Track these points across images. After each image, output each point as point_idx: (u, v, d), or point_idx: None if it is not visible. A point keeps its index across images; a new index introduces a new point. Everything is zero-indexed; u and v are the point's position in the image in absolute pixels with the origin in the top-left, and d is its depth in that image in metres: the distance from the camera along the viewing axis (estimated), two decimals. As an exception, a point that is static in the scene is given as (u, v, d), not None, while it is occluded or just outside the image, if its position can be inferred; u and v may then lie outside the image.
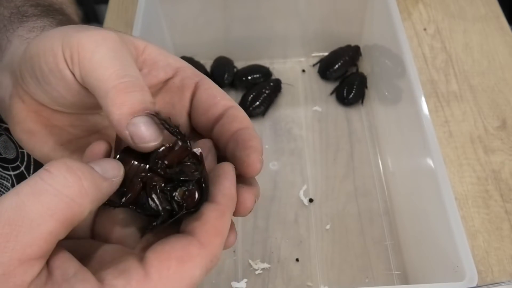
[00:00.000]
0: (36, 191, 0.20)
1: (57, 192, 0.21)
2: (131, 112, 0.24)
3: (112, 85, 0.24)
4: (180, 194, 0.24)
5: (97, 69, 0.25)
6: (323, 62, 0.84)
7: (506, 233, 0.64)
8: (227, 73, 0.82)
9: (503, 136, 0.73)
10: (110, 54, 0.25)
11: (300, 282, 0.63)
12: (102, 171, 0.23)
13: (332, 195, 0.71)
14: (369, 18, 0.79)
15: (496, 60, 0.82)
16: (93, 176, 0.22)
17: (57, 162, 0.21)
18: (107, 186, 0.23)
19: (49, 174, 0.21)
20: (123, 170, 0.24)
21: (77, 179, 0.21)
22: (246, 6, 0.79)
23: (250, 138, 0.27)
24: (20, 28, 0.34)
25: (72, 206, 0.21)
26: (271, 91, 0.79)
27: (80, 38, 0.25)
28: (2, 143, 0.44)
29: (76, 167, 0.22)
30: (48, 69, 0.27)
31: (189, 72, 0.30)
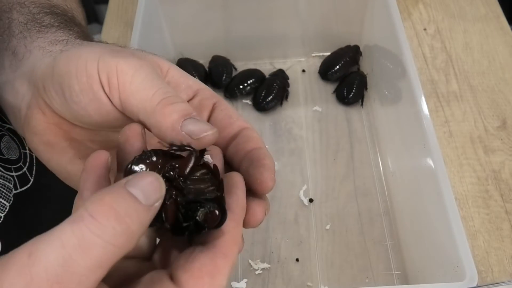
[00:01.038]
0: (84, 244, 0.19)
1: (107, 244, 0.20)
2: (181, 116, 0.26)
3: (157, 102, 0.26)
4: (202, 215, 0.25)
5: (140, 92, 0.27)
6: (323, 63, 0.84)
7: (506, 233, 0.64)
8: (225, 74, 0.82)
9: (503, 136, 0.73)
10: (149, 78, 0.27)
11: (300, 282, 0.63)
12: (146, 199, 0.21)
13: (332, 195, 0.71)
14: (369, 18, 0.79)
15: (496, 60, 0.82)
16: (140, 215, 0.21)
17: (101, 206, 0.20)
18: (152, 216, 0.22)
19: (97, 224, 0.20)
20: (165, 188, 0.23)
21: (126, 228, 0.20)
22: (246, 6, 0.79)
23: (264, 157, 0.28)
24: (40, 39, 0.34)
25: (120, 252, 0.20)
26: (280, 83, 0.80)
27: (118, 64, 0.27)
28: (5, 144, 0.44)
29: (123, 210, 0.20)
30: (79, 89, 0.28)
31: (208, 93, 0.31)
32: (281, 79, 0.80)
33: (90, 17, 1.43)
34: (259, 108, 0.79)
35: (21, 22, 0.36)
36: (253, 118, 0.79)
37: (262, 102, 0.78)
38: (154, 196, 0.22)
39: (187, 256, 0.24)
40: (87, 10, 0.47)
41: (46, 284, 0.19)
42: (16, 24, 0.37)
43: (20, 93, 0.32)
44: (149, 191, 0.22)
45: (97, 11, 1.48)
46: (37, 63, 0.32)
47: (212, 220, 0.25)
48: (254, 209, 0.28)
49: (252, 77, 0.81)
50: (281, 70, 0.82)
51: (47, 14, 0.38)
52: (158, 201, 0.22)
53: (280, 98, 0.79)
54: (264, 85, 0.79)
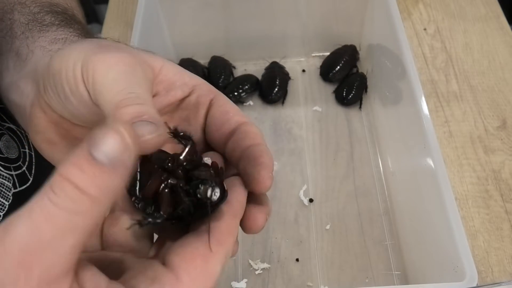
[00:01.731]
0: (48, 214, 0.20)
1: (69, 211, 0.20)
2: (129, 119, 0.24)
3: (115, 103, 0.25)
4: (203, 190, 0.25)
5: (105, 91, 0.26)
6: (324, 64, 0.84)
7: (506, 233, 0.64)
8: (223, 76, 0.82)
9: (503, 136, 0.73)
10: (119, 76, 0.26)
11: (300, 282, 0.63)
12: (109, 159, 0.20)
13: (332, 195, 0.71)
14: (369, 18, 0.79)
15: (496, 60, 0.82)
16: (101, 180, 0.20)
17: (59, 180, 0.20)
18: (120, 175, 0.21)
19: (56, 196, 0.20)
20: (132, 142, 0.21)
21: (84, 195, 0.20)
22: (246, 6, 0.79)
23: (261, 155, 0.27)
24: (41, 38, 0.34)
25: (86, 218, 0.20)
26: (282, 75, 0.81)
27: (96, 62, 0.27)
28: (5, 143, 0.44)
29: (80, 179, 0.20)
30: (69, 89, 0.28)
31: (205, 89, 0.31)
32: (278, 69, 0.82)
33: (90, 17, 1.43)
34: (269, 101, 0.81)
35: (23, 22, 0.37)
36: (253, 118, 0.79)
37: (270, 95, 0.79)
38: (118, 153, 0.20)
39: (180, 242, 0.24)
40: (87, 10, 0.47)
41: (18, 254, 0.19)
42: (18, 25, 0.37)
43: (25, 92, 0.32)
44: (111, 148, 0.20)
45: (97, 11, 1.48)
46: (39, 63, 0.32)
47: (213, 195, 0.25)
48: (255, 215, 0.27)
49: (247, 83, 0.80)
50: (275, 62, 0.83)
51: (48, 13, 0.38)
52: (124, 154, 0.20)
53: (285, 87, 0.81)
54: (266, 79, 0.81)
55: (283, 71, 0.82)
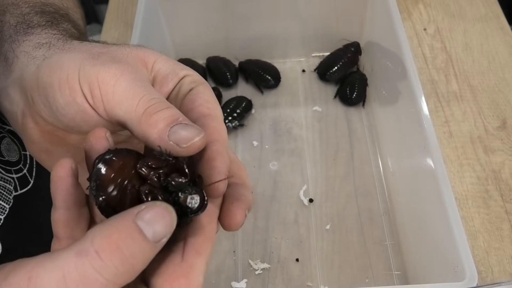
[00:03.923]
0: (85, 279, 0.19)
1: (108, 282, 0.20)
2: (167, 124, 0.25)
3: (142, 112, 0.25)
4: (184, 199, 0.24)
5: (124, 102, 0.26)
6: (321, 64, 0.84)
7: (506, 233, 0.64)
8: (228, 73, 0.82)
9: (503, 136, 0.73)
10: (132, 85, 0.26)
11: (300, 282, 0.63)
12: (154, 237, 0.21)
13: (332, 195, 0.71)
14: (369, 18, 0.79)
15: (496, 60, 0.82)
16: (145, 254, 0.21)
17: (107, 244, 0.20)
18: (156, 251, 0.21)
19: (101, 263, 0.19)
20: (175, 221, 0.22)
21: (129, 268, 0.20)
22: (246, 6, 0.79)
23: (214, 157, 0.26)
24: (26, 42, 0.34)
25: (119, 286, 0.20)
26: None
27: (99, 73, 0.26)
28: (5, 146, 0.44)
29: (129, 251, 0.20)
30: (64, 102, 0.27)
31: (190, 79, 0.30)
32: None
33: (90, 17, 1.43)
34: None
35: (12, 24, 0.36)
36: (253, 118, 0.80)
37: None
38: (163, 232, 0.21)
39: (159, 259, 0.24)
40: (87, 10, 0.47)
41: None
42: (7, 27, 0.36)
43: (15, 100, 0.32)
44: (158, 226, 0.21)
45: (97, 11, 1.48)
46: (24, 71, 0.31)
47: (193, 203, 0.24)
48: (234, 211, 0.26)
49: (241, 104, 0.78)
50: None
51: (37, 14, 0.37)
52: (166, 237, 0.21)
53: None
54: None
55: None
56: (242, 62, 0.84)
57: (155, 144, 0.25)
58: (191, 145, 0.25)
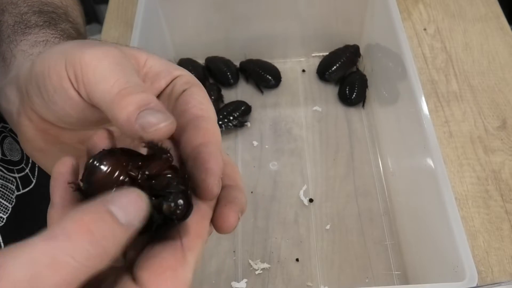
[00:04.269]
0: (56, 263, 0.19)
1: (79, 265, 0.19)
2: (137, 108, 0.24)
3: (115, 93, 0.25)
4: (167, 207, 0.23)
5: (101, 82, 0.25)
6: (321, 63, 0.84)
7: (506, 233, 0.64)
8: (229, 73, 0.82)
9: (503, 136, 0.73)
10: (112, 67, 0.26)
11: (300, 282, 0.63)
12: (126, 220, 0.21)
13: (332, 195, 0.71)
14: (369, 18, 0.79)
15: (496, 60, 0.82)
16: (117, 237, 0.20)
17: (78, 225, 0.19)
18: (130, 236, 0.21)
19: (71, 246, 0.19)
20: (148, 205, 0.22)
21: (101, 251, 0.20)
22: (246, 6, 0.79)
23: (208, 159, 0.25)
24: (23, 42, 0.34)
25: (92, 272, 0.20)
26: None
27: (82, 56, 0.26)
28: (8, 145, 0.44)
29: (99, 232, 0.20)
30: (53, 89, 0.27)
31: (184, 80, 0.29)
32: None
33: (90, 17, 1.43)
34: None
35: (10, 24, 0.36)
36: (253, 118, 0.80)
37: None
38: (136, 216, 0.21)
39: (147, 254, 0.23)
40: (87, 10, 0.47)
41: None
42: (5, 27, 0.36)
43: (11, 100, 0.32)
44: (131, 210, 0.21)
45: (97, 11, 1.48)
46: (20, 68, 0.31)
47: (176, 211, 0.23)
48: (227, 214, 0.26)
49: (239, 109, 0.78)
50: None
51: (35, 13, 0.37)
52: (140, 221, 0.21)
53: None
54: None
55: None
56: (243, 61, 0.84)
57: (122, 127, 0.25)
58: (156, 131, 0.24)
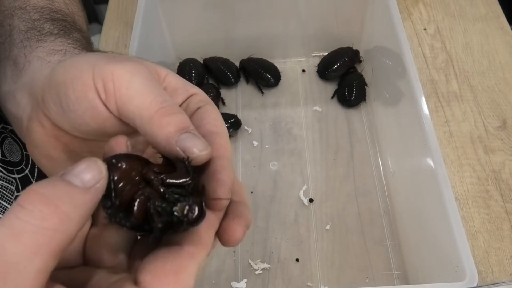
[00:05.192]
0: (14, 231, 0.19)
1: (37, 228, 0.19)
2: (177, 130, 0.25)
3: (155, 110, 0.26)
4: (181, 209, 0.24)
5: (137, 98, 0.26)
6: (322, 62, 0.84)
7: (507, 233, 0.64)
8: (229, 73, 0.82)
9: (503, 136, 0.73)
10: (145, 83, 0.27)
11: (300, 282, 0.63)
12: (82, 183, 0.21)
13: (332, 195, 0.71)
14: (369, 18, 0.79)
15: (496, 60, 0.82)
16: (73, 197, 0.21)
17: (29, 194, 0.20)
18: (92, 197, 0.22)
19: (24, 211, 0.19)
20: (105, 169, 0.23)
21: (54, 208, 0.20)
22: (246, 6, 0.78)
23: (220, 170, 0.26)
24: (39, 49, 0.34)
25: (56, 236, 0.20)
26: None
27: (114, 69, 0.27)
28: (7, 146, 0.44)
29: (51, 193, 0.20)
30: (75, 97, 0.27)
31: (198, 98, 0.30)
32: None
33: (90, 17, 1.43)
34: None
35: (22, 30, 0.36)
36: (253, 118, 0.80)
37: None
38: (92, 178, 0.22)
39: (151, 258, 0.24)
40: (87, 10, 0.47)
41: None
42: (17, 32, 0.36)
43: (21, 104, 0.32)
44: (85, 174, 0.22)
45: (97, 11, 1.49)
46: (36, 75, 0.32)
47: (189, 214, 0.24)
48: (234, 228, 0.27)
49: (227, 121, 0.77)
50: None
51: (47, 21, 0.37)
52: (98, 182, 0.22)
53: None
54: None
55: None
56: (244, 60, 0.84)
57: (160, 145, 0.26)
58: (198, 157, 0.25)
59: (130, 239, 0.27)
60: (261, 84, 0.83)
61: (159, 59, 0.78)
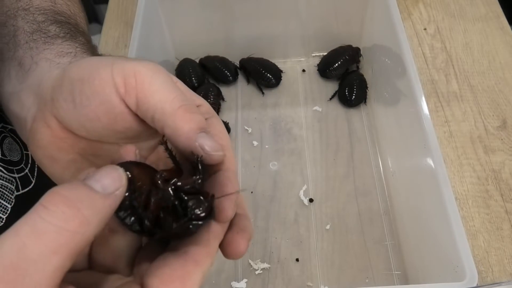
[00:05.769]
0: (36, 230, 0.20)
1: (58, 228, 0.20)
2: (198, 127, 0.27)
3: (178, 106, 0.27)
4: (193, 202, 0.25)
5: (160, 92, 0.27)
6: (322, 60, 0.84)
7: (506, 233, 0.64)
8: (227, 72, 0.82)
9: (503, 136, 0.73)
10: (167, 81, 0.28)
11: (300, 282, 0.63)
12: (103, 188, 0.22)
13: (332, 195, 0.71)
14: (369, 18, 0.79)
15: (496, 60, 0.82)
16: (94, 202, 0.22)
17: (52, 196, 0.21)
18: (111, 203, 0.23)
19: (47, 211, 0.20)
20: (125, 177, 0.24)
21: (76, 211, 0.21)
22: (246, 6, 0.79)
23: (226, 183, 0.27)
24: (46, 51, 0.34)
25: (75, 238, 0.21)
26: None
27: (136, 66, 0.28)
28: (7, 146, 0.44)
29: (74, 196, 0.21)
30: (90, 92, 0.28)
31: (204, 110, 0.31)
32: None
33: (90, 17, 1.43)
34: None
35: (27, 31, 0.36)
36: (253, 118, 0.80)
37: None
38: (112, 184, 0.23)
39: (159, 263, 0.24)
40: (87, 10, 0.47)
41: (2, 271, 0.19)
42: (21, 33, 0.36)
43: (26, 105, 0.32)
44: (106, 180, 0.23)
45: (97, 11, 1.49)
46: (45, 76, 0.32)
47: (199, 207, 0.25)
48: (238, 241, 0.27)
49: None
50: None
51: (52, 23, 0.37)
52: (118, 189, 0.23)
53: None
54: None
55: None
56: (244, 59, 0.84)
57: (179, 138, 0.27)
58: (214, 155, 0.27)
59: (135, 245, 0.28)
60: (261, 84, 0.83)
61: (159, 59, 0.78)
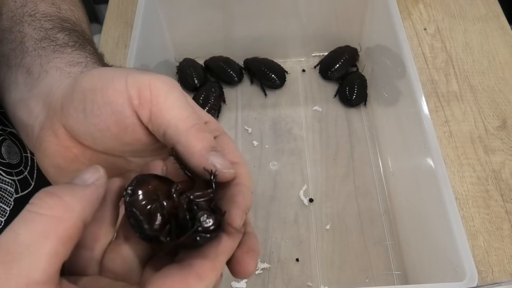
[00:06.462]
0: (25, 220, 0.22)
1: (44, 216, 0.22)
2: (209, 146, 0.28)
3: (191, 124, 0.28)
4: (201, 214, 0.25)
5: (175, 109, 0.28)
6: (323, 62, 0.84)
7: (506, 233, 0.64)
8: (232, 72, 0.82)
9: (503, 136, 0.73)
10: (182, 99, 0.29)
11: (300, 282, 0.63)
12: (83, 181, 0.25)
13: (332, 195, 0.71)
14: (369, 18, 0.79)
15: (496, 60, 0.82)
16: (74, 191, 0.24)
17: (38, 193, 0.23)
18: (92, 191, 0.25)
19: (33, 205, 0.23)
20: (103, 171, 0.26)
21: (58, 199, 0.23)
22: (246, 6, 0.79)
23: (237, 193, 0.28)
24: (57, 59, 0.34)
25: (62, 223, 0.23)
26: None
27: (151, 80, 0.28)
28: (6, 148, 0.44)
29: (55, 188, 0.24)
30: (103, 102, 0.28)
31: (213, 126, 0.32)
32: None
33: (90, 17, 1.42)
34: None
35: (34, 38, 0.36)
36: (253, 118, 0.80)
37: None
38: (91, 176, 0.25)
39: (161, 273, 0.25)
40: (87, 10, 0.47)
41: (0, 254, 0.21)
42: (29, 39, 0.36)
43: (34, 113, 0.32)
44: (86, 175, 0.25)
45: (97, 11, 1.49)
46: (55, 84, 0.32)
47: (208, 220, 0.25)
48: (247, 261, 0.28)
49: None
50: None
51: (60, 31, 0.37)
52: (97, 180, 0.25)
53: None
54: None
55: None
56: (248, 59, 0.84)
57: (192, 155, 0.27)
58: (225, 173, 0.28)
59: (146, 256, 0.28)
60: (265, 85, 0.82)
61: (159, 59, 0.78)
